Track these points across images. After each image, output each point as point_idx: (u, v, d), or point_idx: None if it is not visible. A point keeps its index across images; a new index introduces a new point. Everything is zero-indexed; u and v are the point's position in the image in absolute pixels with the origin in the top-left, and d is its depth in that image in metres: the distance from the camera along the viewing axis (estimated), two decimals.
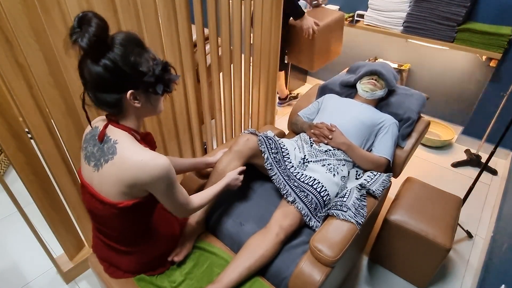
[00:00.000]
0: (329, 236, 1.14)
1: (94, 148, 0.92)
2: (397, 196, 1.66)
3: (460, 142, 2.71)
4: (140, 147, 0.89)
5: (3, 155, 2.16)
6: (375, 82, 1.57)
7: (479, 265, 1.68)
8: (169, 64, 0.90)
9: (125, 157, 0.86)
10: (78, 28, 0.75)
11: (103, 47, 0.79)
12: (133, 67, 0.82)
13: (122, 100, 0.86)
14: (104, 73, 0.80)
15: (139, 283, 1.09)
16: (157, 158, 0.86)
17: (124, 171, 0.86)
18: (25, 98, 1.11)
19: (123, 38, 0.82)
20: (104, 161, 0.88)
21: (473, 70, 2.51)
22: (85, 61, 0.81)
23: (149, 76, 0.85)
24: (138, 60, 0.83)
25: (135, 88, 0.85)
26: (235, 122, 2.08)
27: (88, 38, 0.74)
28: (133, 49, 0.82)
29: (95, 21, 0.75)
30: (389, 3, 2.42)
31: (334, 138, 1.45)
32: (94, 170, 0.92)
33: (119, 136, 0.89)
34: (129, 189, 0.88)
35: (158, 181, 0.87)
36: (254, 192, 1.44)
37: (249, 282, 1.11)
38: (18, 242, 1.78)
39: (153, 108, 0.93)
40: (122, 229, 0.99)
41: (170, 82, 0.90)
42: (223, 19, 1.61)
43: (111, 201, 0.90)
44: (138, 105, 0.88)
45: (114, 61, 0.79)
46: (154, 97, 0.91)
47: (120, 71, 0.81)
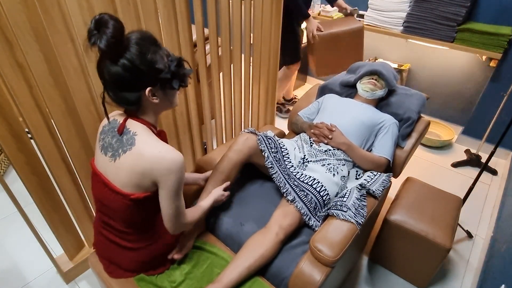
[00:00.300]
0: (329, 236, 1.14)
1: (113, 139, 0.95)
2: (397, 196, 1.66)
3: (460, 142, 2.71)
4: (158, 140, 0.93)
5: (3, 155, 2.16)
6: (375, 82, 1.57)
7: (479, 265, 1.68)
8: (183, 59, 0.94)
9: (143, 148, 0.89)
10: (95, 31, 0.78)
11: (121, 47, 0.82)
12: (150, 65, 0.86)
13: (141, 97, 0.90)
14: (123, 73, 0.84)
15: (139, 283, 1.09)
16: (174, 152, 0.90)
17: (141, 161, 0.89)
18: (25, 98, 1.11)
19: (139, 38, 0.85)
20: (123, 151, 0.92)
21: (473, 70, 2.51)
22: (103, 61, 0.84)
23: (166, 73, 0.89)
24: (154, 57, 0.86)
25: (153, 85, 0.89)
26: (235, 122, 2.08)
27: (106, 39, 0.77)
28: (148, 47, 0.86)
29: (112, 23, 0.78)
30: (389, 3, 2.42)
31: (334, 138, 1.45)
32: (110, 161, 0.94)
33: (138, 129, 0.93)
34: (142, 180, 0.91)
35: (171, 174, 0.89)
36: (254, 192, 1.44)
37: (249, 282, 1.11)
38: (18, 242, 1.78)
39: (170, 103, 0.98)
40: (130, 221, 1.00)
41: (185, 77, 0.94)
42: (223, 19, 1.62)
43: (124, 192, 0.93)
44: (156, 101, 0.92)
45: (131, 61, 0.83)
46: (170, 92, 0.95)
47: (137, 69, 0.84)
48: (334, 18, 2.73)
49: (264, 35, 1.88)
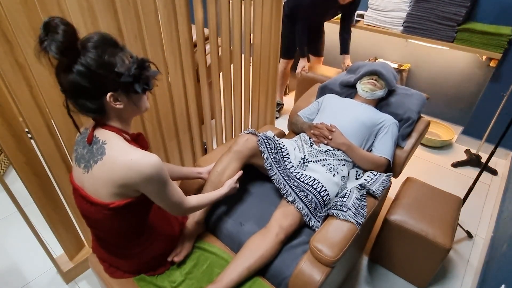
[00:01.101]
0: (329, 236, 1.14)
1: (84, 150, 0.91)
2: (397, 196, 1.66)
3: (460, 142, 2.71)
4: (130, 146, 0.87)
5: (3, 155, 2.16)
6: (375, 82, 1.57)
7: (479, 265, 1.68)
8: (146, 60, 0.87)
9: (114, 157, 0.85)
10: (45, 36, 0.72)
11: (74, 53, 0.76)
12: (108, 69, 0.79)
13: (103, 104, 0.84)
14: (80, 79, 0.77)
15: (139, 283, 1.09)
16: (147, 157, 0.84)
17: (114, 171, 0.84)
18: (25, 98, 1.11)
19: (95, 40, 0.79)
20: (94, 162, 0.87)
21: (473, 70, 2.51)
22: (59, 68, 0.79)
23: (126, 76, 0.82)
24: (112, 60, 0.80)
25: (114, 90, 0.82)
26: (235, 122, 2.08)
27: (56, 46, 0.72)
28: (105, 49, 0.79)
29: (62, 28, 0.72)
30: (389, 3, 2.42)
31: (334, 138, 1.45)
32: (84, 172, 0.90)
33: (108, 137, 0.88)
34: (120, 189, 0.86)
35: (150, 181, 0.85)
36: (254, 192, 1.44)
37: (249, 282, 1.11)
38: (18, 242, 1.78)
39: (137, 107, 0.91)
40: (117, 231, 0.98)
41: (149, 79, 0.88)
42: (223, 19, 1.62)
43: (102, 202, 0.88)
44: (120, 106, 0.86)
45: (87, 66, 0.77)
46: (135, 96, 0.88)
47: (95, 74, 0.78)
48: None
49: (264, 35, 1.88)
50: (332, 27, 3.00)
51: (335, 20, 2.73)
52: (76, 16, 1.08)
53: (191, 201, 1.05)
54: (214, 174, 1.29)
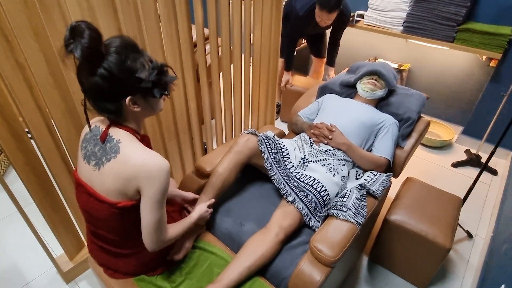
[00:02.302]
0: (329, 236, 1.14)
1: (95, 147, 0.92)
2: (397, 196, 1.66)
3: (460, 142, 2.71)
4: (143, 147, 0.90)
5: (3, 155, 2.16)
6: (375, 82, 1.57)
7: (479, 265, 1.68)
8: (165, 66, 0.90)
9: (128, 155, 0.87)
10: (71, 39, 0.75)
11: (98, 57, 0.79)
12: (129, 74, 0.82)
13: (122, 106, 0.87)
14: (101, 82, 0.80)
15: (139, 283, 1.09)
16: (160, 158, 0.88)
17: (126, 168, 0.86)
18: (25, 98, 1.11)
19: (118, 45, 0.82)
20: (106, 159, 0.89)
21: (473, 70, 2.51)
22: (81, 70, 0.82)
23: (146, 82, 0.85)
24: (133, 66, 0.83)
25: (133, 94, 0.85)
26: (235, 122, 2.08)
27: (82, 49, 0.74)
28: (128, 55, 0.82)
29: (88, 33, 0.75)
30: (389, 3, 2.42)
31: (334, 138, 1.45)
32: (94, 169, 0.92)
33: (122, 136, 0.90)
34: (127, 187, 0.88)
35: (156, 181, 0.87)
36: (254, 192, 1.44)
37: (249, 282, 1.11)
38: (18, 242, 1.78)
39: (153, 110, 0.95)
40: (119, 230, 0.98)
41: (168, 85, 0.91)
42: (223, 19, 1.61)
43: (110, 201, 0.90)
44: (138, 109, 0.89)
45: (109, 70, 0.79)
46: (152, 100, 0.91)
47: (116, 79, 0.81)
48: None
49: (264, 35, 1.88)
50: None
51: None
52: (76, 16, 1.08)
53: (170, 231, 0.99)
54: (215, 175, 1.29)
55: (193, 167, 1.93)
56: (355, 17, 2.69)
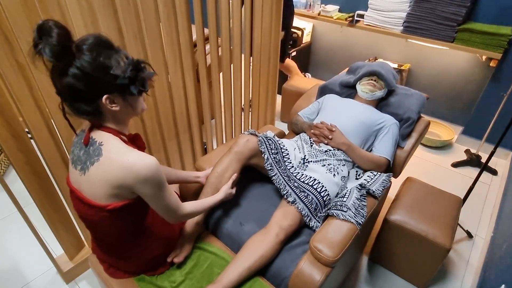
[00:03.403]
0: (329, 236, 1.14)
1: (81, 151, 0.90)
2: (397, 196, 1.66)
3: (460, 142, 2.71)
4: (127, 147, 0.87)
5: (3, 155, 2.16)
6: (374, 82, 1.57)
7: (479, 265, 1.68)
8: (142, 62, 0.86)
9: (111, 158, 0.84)
10: (39, 39, 0.72)
11: (68, 55, 0.76)
12: (103, 71, 0.79)
13: (99, 106, 0.84)
14: (75, 82, 0.77)
15: (139, 283, 1.09)
16: (144, 158, 0.84)
17: (110, 172, 0.84)
18: (25, 98, 1.11)
19: (90, 42, 0.78)
20: (90, 163, 0.87)
21: (473, 70, 2.51)
22: (54, 71, 0.78)
23: (122, 78, 0.81)
24: (107, 62, 0.79)
25: (109, 92, 0.82)
26: (235, 122, 2.08)
27: (50, 49, 0.71)
28: (100, 52, 0.79)
29: (55, 31, 0.71)
30: (389, 3, 2.42)
31: (334, 138, 1.45)
32: (80, 174, 0.90)
33: (105, 138, 0.87)
34: (116, 190, 0.86)
35: (146, 182, 0.85)
36: (254, 192, 1.44)
37: (249, 282, 1.11)
38: (18, 242, 1.78)
39: (133, 109, 0.91)
40: (115, 232, 0.97)
41: (145, 81, 0.87)
42: (223, 19, 1.61)
43: (99, 204, 0.88)
44: (116, 108, 0.85)
45: (82, 69, 0.76)
46: (131, 98, 0.88)
47: (90, 77, 0.78)
48: (333, 18, 2.74)
49: (264, 35, 1.88)
50: (325, 27, 3.01)
51: (336, 21, 2.73)
52: (76, 16, 1.08)
53: (187, 208, 1.03)
54: (214, 175, 1.29)
55: (193, 167, 1.93)
56: (355, 17, 2.69)
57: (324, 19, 2.80)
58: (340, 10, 2.88)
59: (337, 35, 3.06)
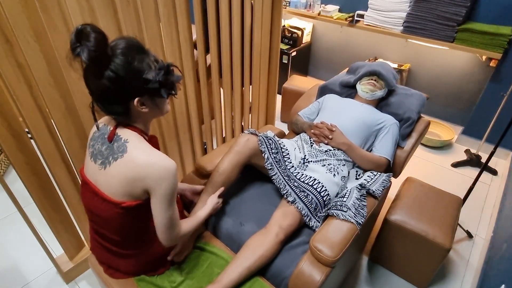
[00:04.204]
0: (329, 236, 1.14)
1: (103, 146, 0.92)
2: (397, 196, 1.66)
3: (460, 142, 2.71)
4: (151, 147, 0.91)
5: (3, 155, 2.16)
6: (374, 82, 1.57)
7: (479, 265, 1.68)
8: (171, 65, 0.90)
9: (135, 155, 0.87)
10: (77, 43, 0.75)
11: (104, 59, 0.79)
12: (136, 75, 0.83)
13: (129, 108, 0.88)
14: (109, 85, 0.81)
15: (139, 283, 1.09)
16: (167, 159, 0.88)
17: (133, 168, 0.87)
18: (25, 98, 1.11)
19: (124, 46, 0.82)
20: (113, 159, 0.89)
21: (473, 70, 2.51)
22: (88, 73, 0.82)
23: (153, 82, 0.85)
24: (140, 67, 0.83)
25: (141, 95, 0.86)
26: (235, 122, 2.08)
27: (89, 53, 0.75)
28: (134, 56, 0.82)
29: (93, 36, 0.75)
30: (389, 3, 2.42)
31: (334, 138, 1.45)
32: (100, 168, 0.92)
33: (130, 136, 0.90)
34: (134, 187, 0.88)
35: (164, 182, 0.87)
36: (254, 192, 1.44)
37: (249, 282, 1.11)
38: (18, 242, 1.78)
39: (160, 110, 0.95)
40: (122, 230, 0.98)
41: (174, 85, 0.92)
42: (223, 19, 1.61)
43: (115, 200, 0.91)
44: (146, 110, 0.90)
45: (116, 72, 0.80)
46: (160, 100, 0.92)
47: (123, 81, 0.81)
48: (334, 18, 2.74)
49: (264, 35, 1.88)
50: (325, 27, 3.01)
51: (336, 21, 2.73)
52: (76, 16, 1.08)
53: (183, 226, 1.02)
54: (216, 175, 1.29)
55: (193, 167, 1.94)
56: (355, 17, 2.69)
57: (324, 19, 2.81)
58: (340, 10, 2.88)
59: (337, 35, 3.06)
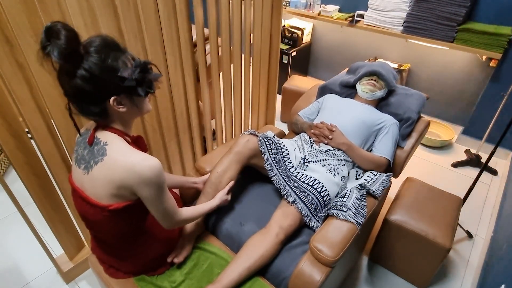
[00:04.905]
0: (329, 236, 1.14)
1: (85, 151, 0.91)
2: (397, 196, 1.66)
3: (460, 142, 2.71)
4: (131, 148, 0.88)
5: (3, 155, 2.16)
6: (374, 82, 1.57)
7: (479, 265, 1.68)
8: (148, 63, 0.87)
9: (115, 158, 0.85)
10: (47, 41, 0.72)
11: (76, 57, 0.76)
12: (111, 73, 0.80)
13: (106, 107, 0.84)
14: (83, 84, 0.78)
15: (139, 283, 1.09)
16: (147, 159, 0.85)
17: (114, 172, 0.84)
18: (25, 98, 1.11)
19: (97, 44, 0.79)
20: (94, 163, 0.87)
21: (473, 70, 2.51)
22: (62, 73, 0.79)
23: (129, 80, 0.82)
24: (115, 64, 0.80)
25: (117, 94, 0.83)
26: (235, 122, 2.08)
27: (59, 51, 0.71)
28: (108, 53, 0.79)
29: (64, 33, 0.72)
30: (389, 3, 2.42)
31: (334, 138, 1.45)
32: (84, 173, 0.90)
33: (109, 138, 0.88)
34: (118, 190, 0.86)
35: (148, 184, 0.85)
36: (254, 192, 1.44)
37: (249, 282, 1.11)
38: (18, 242, 1.78)
39: (139, 110, 0.91)
40: (115, 232, 0.97)
41: (152, 83, 0.88)
42: (223, 19, 1.61)
43: (101, 204, 0.89)
44: (123, 109, 0.86)
45: (90, 71, 0.77)
46: (138, 99, 0.88)
47: (98, 79, 0.78)
48: (334, 18, 2.74)
49: (264, 35, 1.88)
50: (325, 27, 3.01)
51: (336, 21, 2.73)
52: (76, 16, 1.08)
53: (183, 214, 1.02)
54: (215, 175, 1.29)
55: (193, 167, 1.93)
56: (355, 17, 2.69)
57: (324, 19, 2.81)
58: (340, 10, 2.88)
59: (337, 35, 3.06)
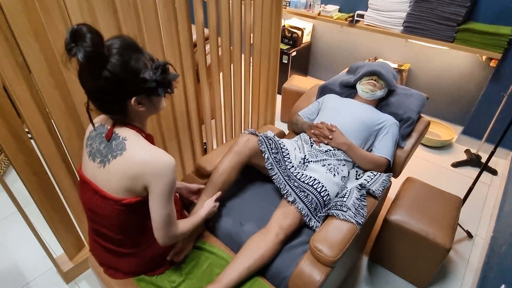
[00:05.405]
0: (329, 236, 1.14)
1: (101, 145, 0.93)
2: (397, 196, 1.66)
3: (460, 142, 2.71)
4: (149, 144, 0.92)
5: (3, 155, 2.16)
6: (374, 82, 1.57)
7: (479, 265, 1.68)
8: (167, 64, 0.90)
9: (135, 152, 0.88)
10: (73, 44, 0.75)
11: (101, 60, 0.79)
12: (133, 75, 0.83)
13: (127, 107, 0.88)
14: (106, 85, 0.81)
15: (139, 283, 1.09)
16: (165, 155, 0.89)
17: (132, 165, 0.87)
18: (25, 98, 1.11)
19: (119, 46, 0.82)
20: (112, 157, 0.90)
21: (473, 70, 2.51)
22: (84, 73, 0.82)
23: (150, 82, 0.85)
24: (137, 66, 0.83)
25: (138, 94, 0.86)
26: (235, 122, 2.08)
27: (85, 54, 0.74)
28: (130, 55, 0.83)
29: (89, 36, 0.74)
30: (389, 3, 2.42)
31: (334, 138, 1.45)
32: (99, 167, 0.93)
33: (128, 134, 0.91)
34: (134, 184, 0.89)
35: (163, 178, 0.88)
36: (254, 192, 1.44)
37: (249, 282, 1.11)
38: (18, 242, 1.78)
39: (156, 108, 0.96)
40: (122, 228, 0.99)
41: (171, 83, 0.92)
42: (223, 19, 1.61)
43: (115, 197, 0.91)
44: (142, 109, 0.90)
45: (114, 72, 0.80)
46: (156, 98, 0.93)
47: (121, 81, 0.82)
48: (334, 17, 2.74)
49: (264, 35, 1.88)
50: (325, 27, 3.01)
51: (336, 21, 2.73)
52: (76, 16, 1.08)
53: (180, 226, 1.01)
54: (215, 175, 1.29)
55: (193, 167, 1.94)
56: (355, 17, 2.69)
57: (324, 19, 2.81)
58: (340, 10, 2.88)
59: (337, 35, 3.06)
